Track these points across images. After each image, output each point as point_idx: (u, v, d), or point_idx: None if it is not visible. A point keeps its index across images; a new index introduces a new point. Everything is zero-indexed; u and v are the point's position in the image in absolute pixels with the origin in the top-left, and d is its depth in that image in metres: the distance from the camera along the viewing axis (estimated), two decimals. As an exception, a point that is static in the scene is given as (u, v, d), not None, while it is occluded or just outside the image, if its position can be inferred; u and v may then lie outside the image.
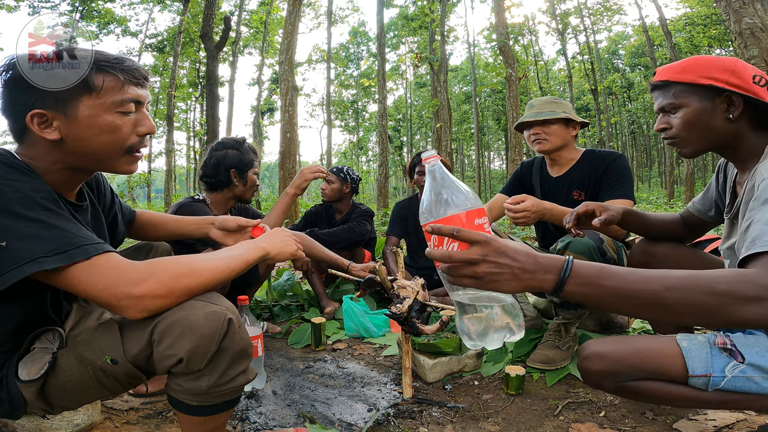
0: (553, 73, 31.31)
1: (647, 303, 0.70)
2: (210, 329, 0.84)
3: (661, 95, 1.08)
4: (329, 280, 2.93)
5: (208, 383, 0.88)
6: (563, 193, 1.97)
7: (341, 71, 30.06)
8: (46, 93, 0.81)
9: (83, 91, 0.83)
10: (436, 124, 12.88)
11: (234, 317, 0.88)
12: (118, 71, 0.86)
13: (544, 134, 1.92)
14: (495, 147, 43.86)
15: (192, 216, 1.82)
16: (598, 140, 22.56)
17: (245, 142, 2.07)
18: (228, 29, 10.00)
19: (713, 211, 1.31)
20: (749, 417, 1.29)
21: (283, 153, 8.01)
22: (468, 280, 0.72)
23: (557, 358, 1.69)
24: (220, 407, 0.93)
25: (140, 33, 19.00)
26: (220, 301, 0.89)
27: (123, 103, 0.86)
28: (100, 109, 0.84)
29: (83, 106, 0.83)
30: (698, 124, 1.02)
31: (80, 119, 0.83)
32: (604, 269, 0.71)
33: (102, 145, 0.86)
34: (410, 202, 2.97)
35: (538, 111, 1.92)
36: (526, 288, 0.72)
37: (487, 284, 0.72)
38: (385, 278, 1.60)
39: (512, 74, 10.04)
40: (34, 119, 0.82)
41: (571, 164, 1.98)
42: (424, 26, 15.45)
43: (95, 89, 0.83)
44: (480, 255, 0.71)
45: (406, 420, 1.38)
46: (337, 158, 34.62)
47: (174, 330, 0.83)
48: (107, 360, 0.86)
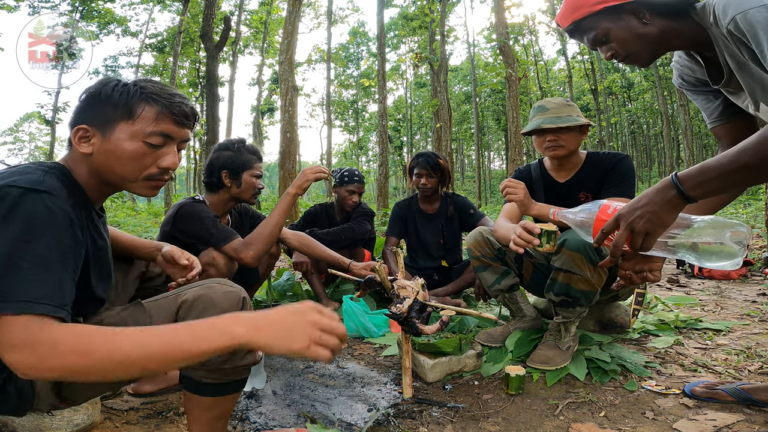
0: (553, 73, 31.30)
1: (744, 171, 0.86)
2: (229, 304, 0.96)
3: (581, 35, 1.15)
4: (329, 280, 2.93)
5: (221, 357, 0.95)
6: (571, 197, 1.93)
7: (341, 71, 30.07)
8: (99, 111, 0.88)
9: (125, 116, 0.88)
10: (436, 124, 12.87)
11: (246, 297, 1.01)
12: (160, 104, 0.90)
13: (561, 140, 1.84)
14: (495, 147, 43.86)
15: (187, 220, 1.84)
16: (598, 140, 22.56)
17: (244, 144, 2.04)
18: (228, 29, 9.99)
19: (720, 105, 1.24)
20: (749, 417, 1.29)
21: (283, 153, 8.02)
22: (645, 242, 0.92)
23: (557, 359, 1.68)
24: (229, 387, 1.01)
25: (140, 33, 19.00)
26: (233, 284, 1.02)
27: (152, 135, 0.90)
28: (130, 135, 0.89)
29: (119, 129, 0.88)
30: (630, 38, 1.08)
31: (112, 140, 0.88)
32: (702, 167, 0.90)
33: (122, 167, 0.90)
34: (410, 202, 2.97)
35: (555, 116, 1.82)
36: (672, 210, 0.90)
37: (654, 231, 0.91)
38: (385, 278, 1.60)
39: (512, 74, 10.05)
40: (79, 132, 0.88)
41: (577, 168, 1.94)
42: (424, 26, 15.44)
43: (133, 116, 0.89)
44: (625, 225, 0.93)
45: (406, 420, 1.38)
46: (337, 158, 34.62)
47: (197, 306, 0.95)
48: None
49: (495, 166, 47.24)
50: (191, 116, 0.95)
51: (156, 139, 0.90)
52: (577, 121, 1.80)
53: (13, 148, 34.81)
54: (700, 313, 2.43)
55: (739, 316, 2.36)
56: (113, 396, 1.50)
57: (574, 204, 1.89)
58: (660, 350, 1.84)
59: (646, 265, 1.08)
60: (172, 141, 0.93)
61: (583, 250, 1.62)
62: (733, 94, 1.13)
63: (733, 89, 1.11)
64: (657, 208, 0.91)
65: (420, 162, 2.77)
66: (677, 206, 0.91)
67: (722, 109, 1.24)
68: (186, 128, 0.95)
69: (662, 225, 0.91)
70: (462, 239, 2.98)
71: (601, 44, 1.14)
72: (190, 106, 0.96)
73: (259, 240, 1.79)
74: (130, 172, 0.91)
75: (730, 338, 2.00)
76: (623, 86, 27.75)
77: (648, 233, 0.92)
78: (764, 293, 2.87)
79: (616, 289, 1.21)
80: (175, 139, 0.94)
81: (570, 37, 1.17)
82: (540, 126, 1.81)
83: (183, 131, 0.94)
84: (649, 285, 3.04)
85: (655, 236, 0.92)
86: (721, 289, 3.01)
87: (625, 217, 0.94)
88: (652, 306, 2.52)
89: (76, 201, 0.85)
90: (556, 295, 1.72)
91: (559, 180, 1.97)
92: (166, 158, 0.93)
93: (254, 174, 1.98)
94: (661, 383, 1.54)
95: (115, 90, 0.89)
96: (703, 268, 3.47)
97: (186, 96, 0.97)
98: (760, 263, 3.62)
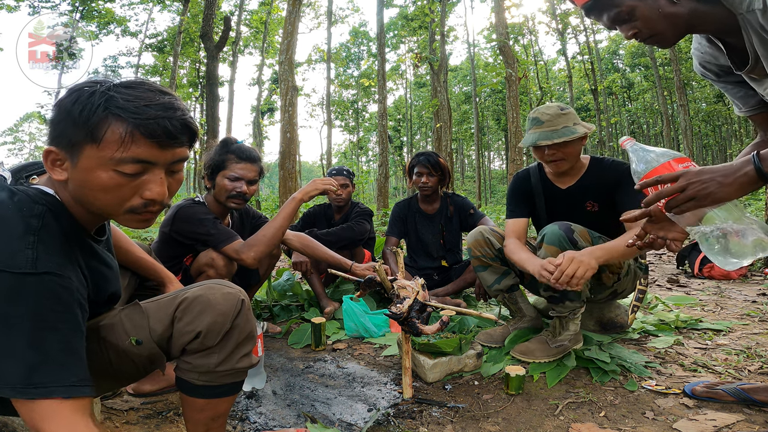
0: (553, 73, 31.30)
1: None
2: (227, 307, 0.93)
3: (600, 12, 1.09)
4: (329, 280, 2.93)
5: (217, 360, 0.94)
6: (575, 205, 1.88)
7: (341, 71, 30.06)
8: (60, 131, 0.72)
9: (87, 139, 0.70)
10: (436, 124, 12.88)
11: (246, 299, 0.98)
12: (130, 122, 0.70)
13: (561, 154, 1.74)
14: (495, 147, 43.87)
15: (186, 222, 1.81)
16: (598, 140, 22.57)
17: (227, 143, 1.92)
18: (228, 29, 9.99)
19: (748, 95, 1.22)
20: (749, 417, 1.30)
21: (283, 153, 8.02)
22: (689, 204, 0.90)
23: (538, 352, 1.70)
24: (223, 390, 0.99)
25: (140, 33, 19.00)
26: (233, 285, 0.98)
27: (122, 162, 0.71)
28: (96, 163, 0.71)
29: (84, 155, 0.71)
30: (657, 18, 1.05)
31: (79, 168, 0.72)
32: None
33: (97, 200, 0.75)
34: (409, 202, 2.97)
35: (551, 129, 1.72)
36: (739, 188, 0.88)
37: (704, 200, 0.89)
38: (385, 278, 1.60)
39: (512, 74, 10.05)
40: (50, 156, 0.74)
41: (580, 174, 1.87)
42: (424, 26, 15.45)
43: (96, 139, 0.70)
44: (684, 182, 0.90)
45: (406, 420, 1.37)
46: (337, 158, 34.61)
47: (195, 307, 0.92)
48: (132, 341, 0.91)
49: (495, 166, 47.25)
50: (180, 132, 0.75)
51: (129, 167, 0.72)
52: (574, 133, 1.70)
53: (13, 148, 34.88)
54: (700, 313, 2.43)
55: (739, 316, 2.36)
56: (113, 396, 1.50)
57: (575, 212, 1.87)
58: (660, 350, 1.84)
59: (670, 234, 1.07)
60: (153, 166, 0.74)
61: (558, 242, 1.64)
62: (756, 81, 1.12)
63: (757, 75, 1.10)
64: (725, 180, 0.89)
65: (420, 160, 2.77)
66: (750, 182, 0.88)
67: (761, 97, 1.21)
68: (174, 148, 0.75)
69: (718, 198, 0.89)
70: (462, 239, 2.98)
71: (623, 22, 1.09)
72: (179, 119, 0.74)
73: (261, 242, 1.78)
74: (108, 206, 0.76)
75: (730, 338, 2.00)
76: (623, 86, 27.77)
77: (698, 199, 0.90)
78: (764, 293, 2.87)
79: (631, 246, 1.17)
80: (158, 163, 0.75)
81: (586, 14, 1.12)
82: (535, 143, 1.73)
83: (168, 153, 0.75)
84: (649, 285, 3.04)
85: (702, 205, 0.91)
86: (721, 289, 3.01)
87: (689, 176, 0.91)
88: (652, 306, 2.52)
89: (68, 236, 0.77)
90: (545, 291, 1.75)
91: (561, 186, 1.92)
92: (150, 188, 0.75)
93: (228, 176, 1.85)
94: (661, 383, 1.54)
95: (77, 103, 0.70)
96: (703, 268, 3.47)
97: (179, 101, 0.77)
98: (760, 263, 3.62)
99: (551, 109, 1.76)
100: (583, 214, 1.83)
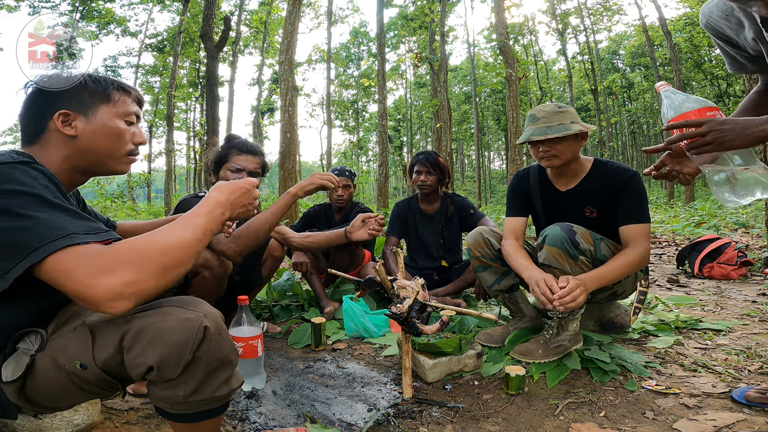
0: (553, 73, 31.32)
1: None
2: (182, 337, 0.81)
3: None
4: (329, 280, 2.93)
5: (185, 392, 0.86)
6: (573, 208, 1.86)
7: (341, 71, 30.07)
8: (76, 97, 1.00)
9: (104, 100, 1.03)
10: (436, 124, 12.88)
11: (211, 324, 0.85)
12: (126, 91, 1.08)
13: (554, 151, 1.74)
14: (495, 147, 43.88)
15: None
16: (598, 140, 22.57)
17: (230, 139, 1.95)
18: (228, 29, 9.99)
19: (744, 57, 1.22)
20: (749, 417, 1.30)
21: (283, 153, 8.02)
22: (707, 147, 0.99)
23: (536, 353, 1.70)
24: (202, 415, 0.92)
25: (140, 33, 19.01)
26: (199, 307, 0.86)
27: (128, 114, 1.06)
28: (113, 116, 1.04)
29: (101, 111, 1.02)
30: None
31: (96, 121, 1.01)
32: None
33: (109, 145, 1.03)
34: (409, 202, 2.97)
35: (545, 125, 1.72)
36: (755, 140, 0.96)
37: (721, 146, 0.98)
38: (385, 278, 1.60)
39: (512, 74, 10.05)
40: (60, 117, 0.97)
41: (581, 177, 1.84)
42: (424, 26, 15.46)
43: (113, 100, 1.04)
44: (707, 128, 0.98)
45: (406, 420, 1.38)
46: (337, 158, 34.62)
47: (143, 337, 0.81)
48: (77, 365, 0.85)
49: (495, 166, 47.26)
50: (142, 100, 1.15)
51: (132, 117, 1.07)
52: (568, 130, 1.68)
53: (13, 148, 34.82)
54: (700, 313, 2.43)
55: (739, 316, 2.36)
56: (113, 396, 1.49)
57: (573, 216, 1.85)
58: (660, 350, 1.84)
59: (686, 168, 1.15)
60: (138, 120, 1.10)
61: (560, 244, 1.63)
62: None
63: None
64: (744, 131, 0.96)
65: (420, 159, 2.78)
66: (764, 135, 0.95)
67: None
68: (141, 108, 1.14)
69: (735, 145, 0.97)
70: (462, 239, 2.98)
71: None
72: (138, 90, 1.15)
73: (245, 234, 1.64)
74: (116, 149, 1.04)
75: (730, 338, 2.00)
76: (623, 86, 27.77)
77: (716, 144, 0.98)
78: (764, 293, 2.86)
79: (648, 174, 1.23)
80: (139, 118, 1.11)
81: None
82: (530, 138, 1.73)
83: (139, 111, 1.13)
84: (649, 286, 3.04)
85: (719, 149, 0.99)
86: (721, 289, 3.01)
87: (712, 124, 0.98)
88: (652, 306, 2.52)
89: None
90: None
91: (560, 188, 1.89)
92: (139, 135, 1.09)
93: (230, 168, 1.86)
94: (661, 383, 1.54)
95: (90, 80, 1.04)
96: (703, 268, 3.47)
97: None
98: (760, 263, 3.61)
99: (548, 107, 1.77)
100: (581, 220, 1.80)
